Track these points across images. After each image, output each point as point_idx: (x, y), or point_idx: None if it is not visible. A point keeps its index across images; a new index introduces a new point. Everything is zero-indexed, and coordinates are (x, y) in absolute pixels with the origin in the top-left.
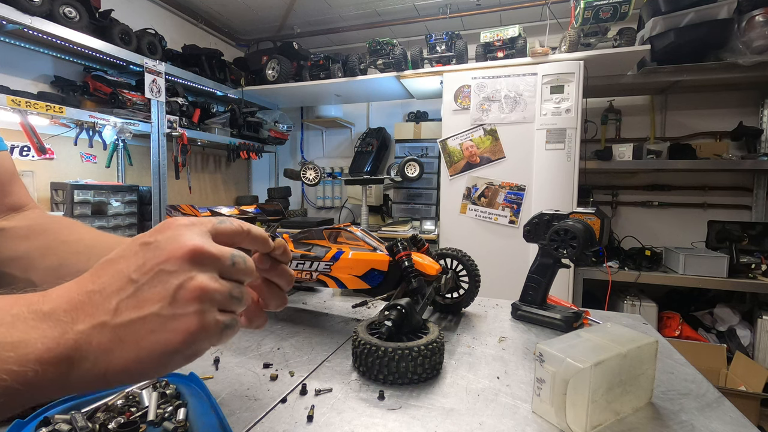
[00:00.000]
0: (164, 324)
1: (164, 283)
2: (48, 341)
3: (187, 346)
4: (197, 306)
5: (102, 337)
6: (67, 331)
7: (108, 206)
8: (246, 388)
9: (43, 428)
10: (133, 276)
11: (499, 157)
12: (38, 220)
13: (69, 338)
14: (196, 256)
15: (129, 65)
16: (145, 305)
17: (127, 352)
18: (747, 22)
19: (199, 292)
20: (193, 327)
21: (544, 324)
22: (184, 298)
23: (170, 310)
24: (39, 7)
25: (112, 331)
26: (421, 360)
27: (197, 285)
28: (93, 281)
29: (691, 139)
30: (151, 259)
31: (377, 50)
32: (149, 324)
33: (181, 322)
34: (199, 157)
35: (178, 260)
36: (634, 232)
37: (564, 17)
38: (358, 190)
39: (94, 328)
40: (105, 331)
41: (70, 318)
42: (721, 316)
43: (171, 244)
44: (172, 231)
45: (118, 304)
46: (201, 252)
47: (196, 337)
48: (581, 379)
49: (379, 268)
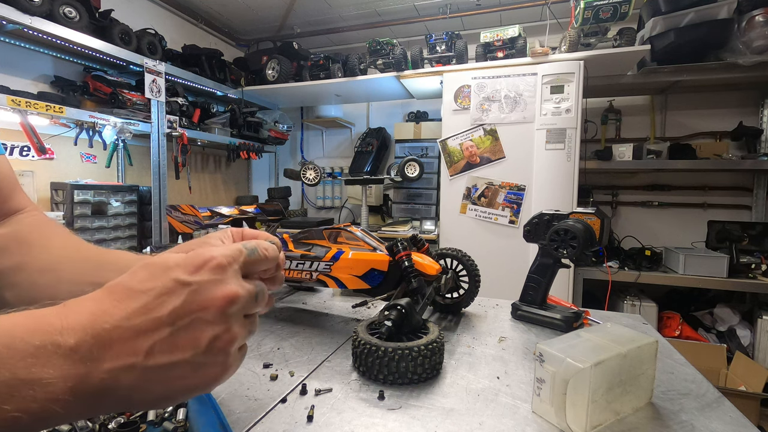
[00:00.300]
0: (195, 370)
1: (201, 332)
2: (71, 380)
3: (209, 388)
4: (227, 356)
5: (130, 378)
6: (93, 370)
7: (108, 206)
8: (246, 388)
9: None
10: (167, 319)
11: (499, 157)
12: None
13: (95, 377)
14: (233, 304)
15: (129, 65)
16: (178, 351)
17: (152, 392)
18: (747, 22)
19: (232, 343)
20: (219, 374)
21: (544, 324)
22: (219, 349)
23: (203, 358)
24: (39, 7)
25: (142, 372)
26: (421, 360)
27: (232, 337)
28: (118, 310)
29: (691, 139)
30: (188, 304)
31: (377, 50)
32: (180, 369)
33: (210, 369)
34: (199, 157)
35: (217, 310)
36: (634, 232)
37: (564, 17)
38: (358, 190)
39: (123, 369)
40: (134, 372)
41: (97, 355)
42: (721, 316)
43: (210, 292)
44: (211, 275)
45: (152, 346)
46: (236, 299)
47: (220, 381)
48: (581, 379)
49: (379, 268)
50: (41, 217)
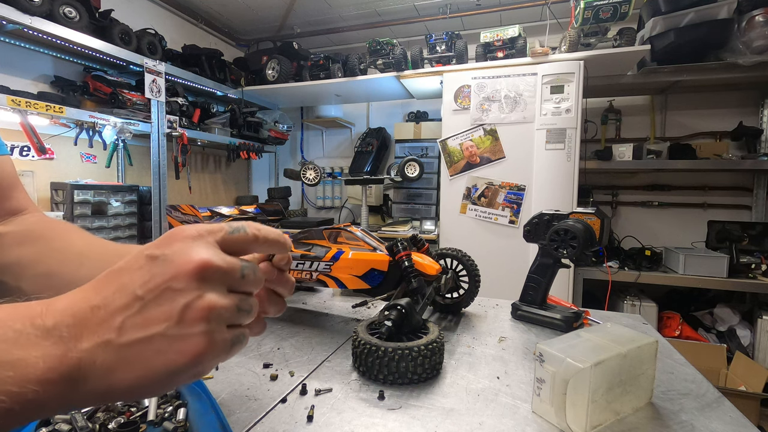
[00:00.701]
0: (171, 344)
1: (171, 302)
2: (50, 360)
3: (193, 366)
4: (205, 326)
5: (106, 356)
6: (70, 349)
7: (108, 206)
8: (246, 388)
9: (43, 428)
10: (138, 292)
11: (499, 157)
12: (34, 225)
13: (72, 357)
14: (204, 271)
15: (129, 65)
16: (151, 324)
17: (131, 371)
18: (747, 22)
19: (206, 312)
20: (201, 348)
21: (544, 324)
22: (192, 318)
23: (177, 330)
24: (39, 7)
25: (117, 350)
26: (421, 360)
27: (205, 304)
28: (97, 294)
29: (691, 139)
30: (157, 276)
31: (377, 50)
32: (155, 344)
33: (188, 342)
34: (199, 157)
35: (186, 277)
36: (634, 232)
37: (564, 17)
38: (358, 190)
39: (98, 347)
40: (109, 350)
41: (74, 335)
42: (721, 316)
43: (178, 258)
44: (180, 244)
45: (123, 322)
46: (209, 267)
47: (204, 357)
48: (581, 379)
49: (379, 268)
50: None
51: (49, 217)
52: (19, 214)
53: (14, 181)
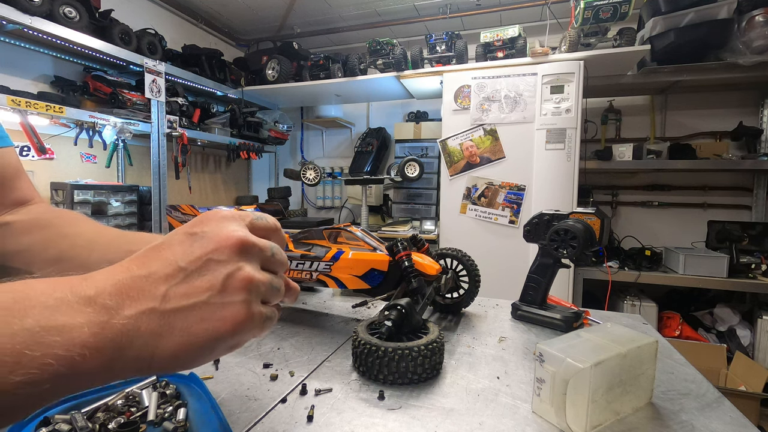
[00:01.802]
0: (214, 312)
1: (213, 272)
2: (94, 326)
3: (233, 334)
4: (245, 295)
5: (151, 323)
6: (113, 316)
7: (108, 206)
8: (246, 388)
9: (43, 428)
10: (181, 264)
11: (499, 157)
12: (42, 214)
13: (116, 323)
14: (244, 246)
15: (129, 65)
16: (195, 293)
17: (175, 338)
18: (747, 22)
19: (247, 282)
20: (242, 316)
21: (544, 324)
22: (233, 287)
23: (219, 298)
24: (39, 7)
25: (162, 317)
26: (421, 360)
27: (246, 275)
28: (139, 266)
29: (691, 139)
30: (199, 248)
31: (377, 50)
32: (199, 312)
33: (229, 310)
34: (199, 157)
35: (227, 250)
36: (634, 232)
37: (564, 17)
38: (358, 190)
39: (142, 314)
40: (154, 317)
41: (117, 303)
42: (721, 316)
43: (219, 234)
44: (217, 222)
45: (167, 291)
46: (247, 243)
47: (244, 326)
48: (581, 379)
49: (379, 268)
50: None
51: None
52: (25, 204)
53: (19, 171)
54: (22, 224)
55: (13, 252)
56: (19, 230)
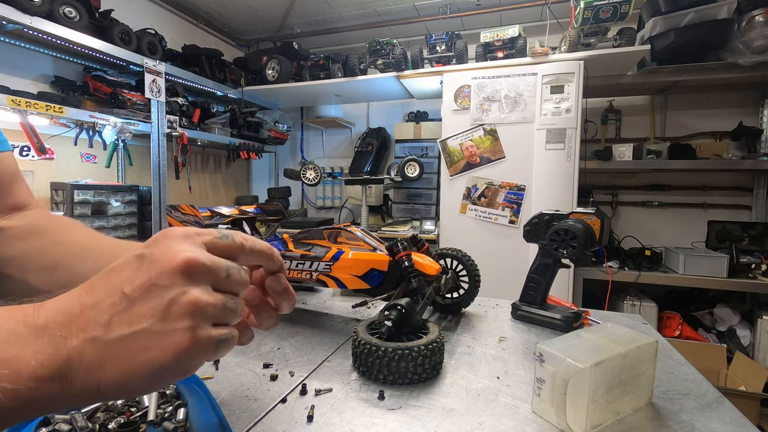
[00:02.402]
0: (156, 340)
1: (156, 298)
2: (42, 357)
3: (178, 363)
4: (189, 322)
5: (94, 353)
6: (60, 347)
7: (108, 206)
8: (246, 388)
9: (43, 428)
10: (125, 290)
11: (499, 157)
12: (37, 220)
13: (62, 354)
14: (189, 268)
15: (129, 65)
16: (137, 321)
17: (118, 368)
18: (747, 22)
19: (190, 307)
20: (185, 344)
21: (544, 324)
22: (176, 314)
23: (161, 326)
24: (39, 7)
25: (104, 346)
26: (421, 360)
27: (189, 300)
28: (89, 293)
29: (691, 139)
30: (144, 273)
31: (377, 50)
32: (141, 340)
33: (172, 338)
34: (199, 157)
35: (170, 274)
36: (634, 232)
37: (564, 17)
38: (358, 190)
39: (86, 343)
40: (96, 346)
41: (65, 332)
42: (721, 316)
43: (163, 256)
44: (166, 242)
45: (111, 319)
46: (193, 264)
47: (188, 354)
48: (581, 379)
49: (379, 268)
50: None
51: (51, 213)
52: (21, 209)
53: (16, 176)
54: (17, 230)
55: (7, 258)
56: (14, 236)
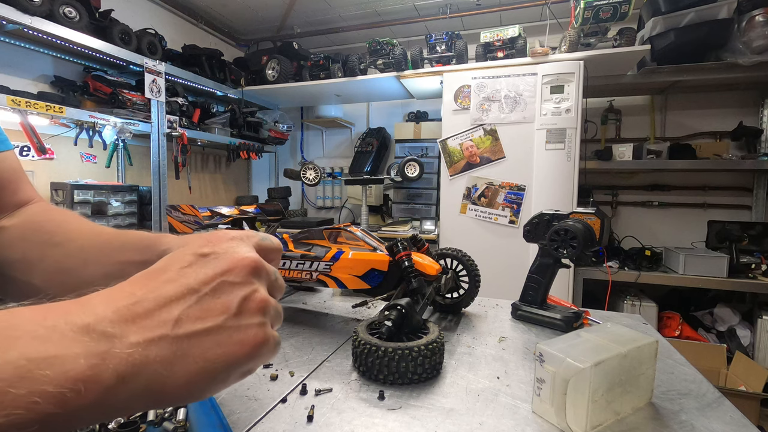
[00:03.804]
0: (231, 335)
1: (229, 294)
2: (93, 357)
3: (251, 359)
4: (261, 318)
5: (162, 351)
6: (116, 345)
7: (108, 206)
8: (246, 388)
9: None
10: (193, 285)
11: (499, 157)
12: (34, 216)
13: (120, 353)
14: (258, 268)
15: (129, 65)
16: (210, 316)
17: (190, 366)
18: (747, 22)
19: (263, 304)
20: (260, 338)
21: (544, 324)
22: (250, 309)
23: (236, 321)
24: (39, 7)
25: (174, 343)
26: (421, 360)
27: (262, 297)
28: (143, 289)
29: (691, 139)
30: (212, 269)
31: (377, 50)
32: (215, 336)
33: (247, 333)
34: (199, 157)
35: (242, 271)
36: (634, 232)
37: (564, 17)
38: (358, 190)
39: (152, 342)
40: (164, 344)
41: (120, 330)
42: (721, 316)
43: (233, 255)
44: (228, 243)
45: (180, 315)
46: (260, 265)
47: (261, 349)
48: (581, 379)
49: (379, 268)
50: (49, 206)
51: (50, 206)
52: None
53: (21, 174)
54: (15, 229)
55: (10, 260)
56: (14, 236)
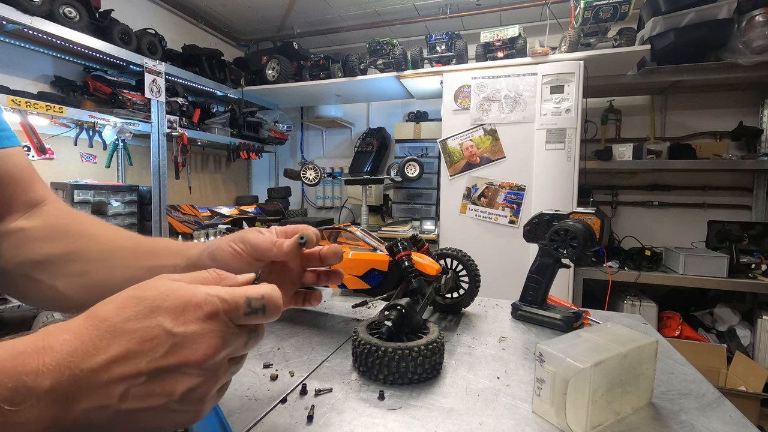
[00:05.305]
0: (166, 414)
1: (176, 382)
2: (46, 422)
3: (182, 427)
4: (199, 406)
5: (103, 417)
6: (67, 411)
7: (108, 206)
8: (246, 388)
9: None
10: (144, 367)
11: (499, 157)
12: (56, 219)
13: (68, 418)
14: (215, 358)
15: (129, 65)
16: (152, 398)
17: (124, 428)
18: (747, 22)
19: (206, 395)
20: (192, 419)
21: (544, 324)
22: (192, 399)
23: (175, 406)
24: (39, 7)
25: (114, 413)
26: (421, 360)
27: (208, 389)
28: (100, 351)
29: (691, 139)
30: (169, 356)
31: (377, 50)
32: (152, 413)
33: (182, 416)
34: (199, 157)
35: (196, 366)
36: (634, 232)
37: (564, 17)
38: (358, 190)
39: (96, 410)
40: (107, 413)
41: (72, 397)
42: (721, 316)
43: (192, 345)
44: (197, 326)
45: (125, 392)
46: (219, 354)
47: (194, 422)
48: (581, 379)
49: (379, 268)
50: (69, 207)
51: (69, 208)
52: (39, 205)
53: (32, 172)
54: (37, 231)
55: (33, 262)
56: (36, 237)
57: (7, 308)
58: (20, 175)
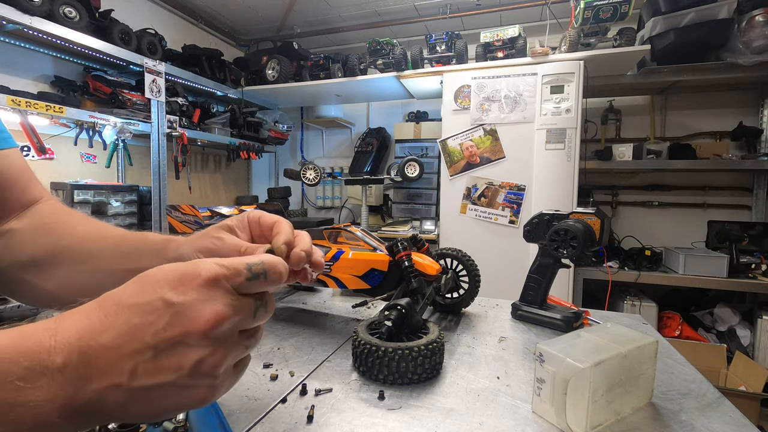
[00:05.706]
0: (179, 392)
1: (183, 355)
2: (61, 400)
3: (198, 406)
4: (211, 380)
5: (117, 397)
6: (80, 389)
7: (108, 206)
8: (246, 388)
9: None
10: (150, 341)
11: (499, 157)
12: (45, 219)
13: (82, 396)
14: (218, 327)
15: (129, 65)
16: (162, 372)
17: (141, 407)
18: (747, 22)
19: (216, 368)
20: (208, 396)
21: (544, 324)
22: (202, 372)
23: (187, 380)
24: (39, 7)
25: (127, 392)
26: (421, 360)
27: (215, 362)
28: (107, 327)
29: (691, 139)
30: (171, 327)
31: (377, 50)
32: (165, 390)
33: (195, 392)
34: (199, 157)
35: (200, 335)
36: (634, 232)
37: (564, 17)
38: (358, 190)
39: (108, 389)
40: (120, 392)
41: (84, 374)
42: (721, 316)
43: (193, 313)
44: (196, 294)
45: (135, 368)
46: (223, 322)
47: (209, 401)
48: (581, 379)
49: (379, 268)
50: (59, 205)
51: (60, 206)
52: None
53: (28, 173)
54: (24, 232)
55: (20, 263)
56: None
57: (7, 308)
58: (17, 176)
